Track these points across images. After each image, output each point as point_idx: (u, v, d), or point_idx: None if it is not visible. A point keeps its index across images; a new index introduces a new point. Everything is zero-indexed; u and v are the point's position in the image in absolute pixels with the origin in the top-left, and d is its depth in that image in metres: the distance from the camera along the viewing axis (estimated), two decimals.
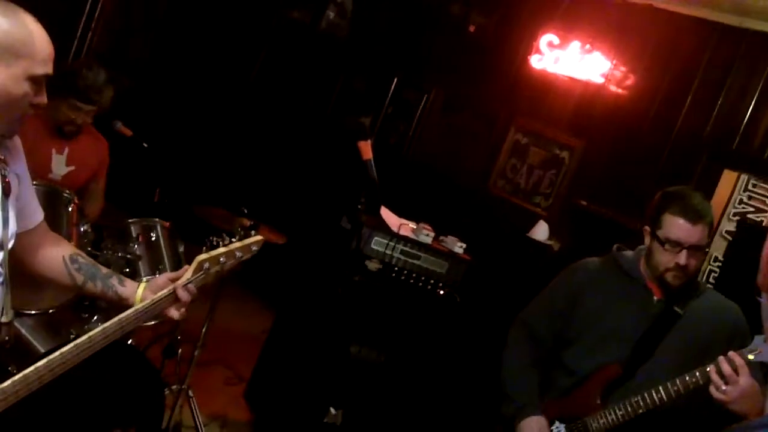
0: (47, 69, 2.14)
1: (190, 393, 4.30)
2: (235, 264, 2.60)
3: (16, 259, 2.38)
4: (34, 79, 2.12)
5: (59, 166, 4.18)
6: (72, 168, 4.22)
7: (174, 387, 4.24)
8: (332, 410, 4.52)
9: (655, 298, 3.12)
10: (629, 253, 3.24)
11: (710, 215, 3.02)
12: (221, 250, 2.52)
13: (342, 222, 4.84)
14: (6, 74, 2.07)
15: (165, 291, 2.42)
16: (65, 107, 4.08)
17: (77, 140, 4.22)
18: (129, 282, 2.52)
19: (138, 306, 2.37)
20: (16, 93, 2.10)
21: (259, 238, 2.66)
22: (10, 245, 2.24)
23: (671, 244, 2.99)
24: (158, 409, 3.90)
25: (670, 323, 3.06)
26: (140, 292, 2.46)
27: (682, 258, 2.97)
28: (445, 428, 4.99)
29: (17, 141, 2.33)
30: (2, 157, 2.22)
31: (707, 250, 3.06)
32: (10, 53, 2.06)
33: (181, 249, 4.19)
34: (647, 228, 3.11)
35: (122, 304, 2.50)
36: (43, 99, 2.17)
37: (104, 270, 2.54)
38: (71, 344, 2.22)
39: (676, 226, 2.98)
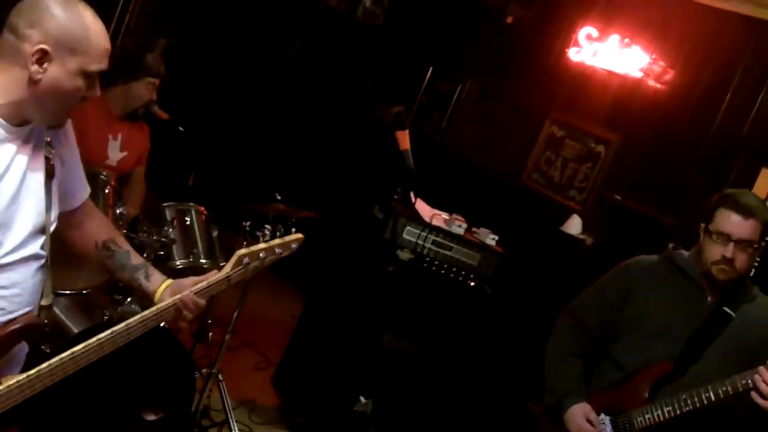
0: (101, 65, 2.15)
1: (220, 377, 4.32)
2: (274, 260, 2.61)
3: (59, 236, 2.40)
4: (87, 74, 2.12)
5: (114, 152, 4.22)
6: (125, 153, 4.26)
7: (204, 370, 4.27)
8: (362, 399, 4.54)
9: (709, 298, 3.10)
10: (685, 252, 3.22)
11: (764, 215, 3.01)
12: (261, 245, 2.53)
13: (374, 211, 4.84)
14: (60, 69, 2.07)
15: (170, 301, 2.40)
16: (142, 89, 4.15)
17: (127, 126, 4.25)
18: (155, 278, 2.52)
19: (145, 312, 2.36)
20: (68, 87, 2.10)
21: (299, 236, 2.67)
22: (52, 228, 2.26)
23: (719, 236, 3.00)
24: (188, 392, 3.93)
25: (722, 325, 3.04)
26: (159, 292, 2.46)
27: (729, 251, 2.98)
28: (474, 419, 4.99)
29: (68, 126, 2.34)
30: (48, 139, 2.23)
31: (756, 246, 3.02)
32: (66, 49, 2.07)
33: (215, 233, 4.20)
34: (702, 224, 3.11)
35: (146, 298, 2.52)
36: (96, 92, 2.18)
37: (135, 261, 2.54)
38: (108, 331, 2.24)
39: (727, 219, 3.01)
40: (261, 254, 2.52)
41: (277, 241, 2.59)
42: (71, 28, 2.07)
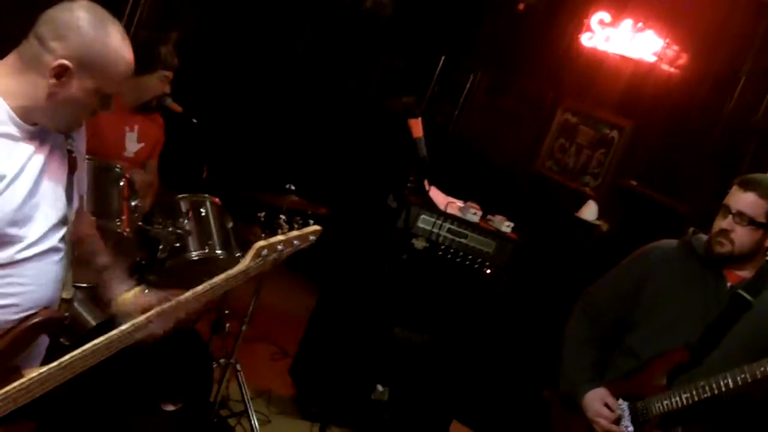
0: (119, 89, 2.16)
1: (238, 367, 4.34)
2: (292, 252, 2.60)
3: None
4: (102, 94, 2.13)
5: (132, 143, 4.20)
6: (142, 145, 4.25)
7: (221, 361, 4.28)
8: (379, 387, 4.55)
9: (728, 284, 3.06)
10: (705, 236, 3.19)
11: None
12: (279, 237, 2.52)
13: (388, 200, 4.84)
14: (77, 84, 2.07)
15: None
16: (155, 81, 4.12)
17: (142, 117, 4.25)
18: (115, 284, 2.51)
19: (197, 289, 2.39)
20: (82, 103, 2.11)
21: (317, 227, 2.65)
22: (72, 221, 2.27)
23: (722, 209, 3.04)
24: (206, 383, 3.95)
25: (741, 311, 3.01)
26: (120, 302, 2.46)
27: (726, 222, 2.99)
28: (489, 407, 4.99)
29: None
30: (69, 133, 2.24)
31: (758, 225, 3.00)
32: (87, 68, 2.06)
33: (230, 225, 4.20)
34: None
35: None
36: (108, 110, 2.20)
37: (102, 262, 2.54)
38: (128, 323, 2.25)
39: (730, 194, 3.04)
40: (279, 246, 2.51)
41: (295, 233, 2.58)
42: (97, 49, 2.06)
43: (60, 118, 2.15)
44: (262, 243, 2.47)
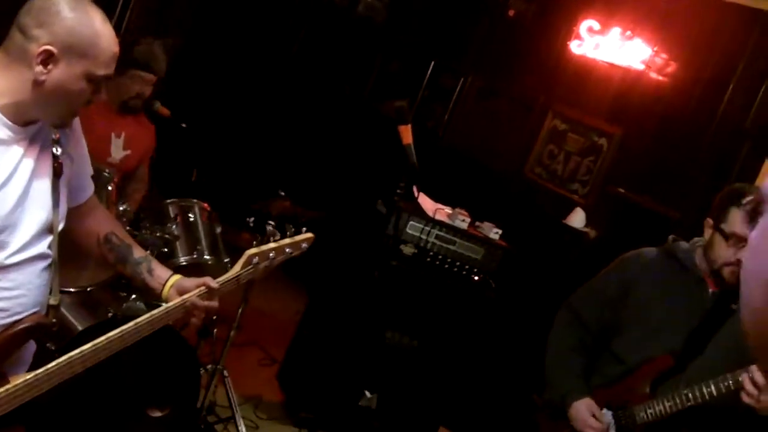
0: (108, 70, 2.15)
1: (225, 373, 4.32)
2: (284, 260, 2.59)
3: (63, 234, 2.39)
4: (93, 79, 2.12)
5: (117, 149, 4.19)
6: (128, 152, 4.24)
7: (209, 367, 4.26)
8: (367, 393, 4.54)
9: (710, 290, 3.08)
10: (685, 244, 3.19)
11: None
12: (271, 245, 2.51)
13: (378, 206, 4.84)
14: (66, 71, 2.07)
15: (178, 301, 2.39)
16: (128, 81, 4.11)
17: (132, 124, 4.23)
18: (159, 272, 2.49)
19: (153, 312, 2.35)
20: (73, 90, 2.10)
21: (309, 235, 2.65)
22: (60, 227, 2.25)
23: (734, 238, 2.92)
24: (194, 389, 3.94)
25: (723, 317, 3.01)
26: (165, 289, 2.45)
27: (741, 253, 2.90)
28: (478, 412, 4.99)
29: (76, 122, 2.33)
30: (56, 137, 2.22)
31: None
32: (74, 52, 2.06)
33: (219, 230, 4.19)
34: (710, 220, 3.03)
35: (149, 292, 2.51)
36: (100, 97, 2.18)
37: (137, 255, 2.51)
38: (117, 330, 2.24)
39: (742, 221, 2.90)
40: (271, 254, 2.50)
41: (287, 240, 2.57)
42: (80, 31, 2.06)
43: (52, 110, 2.14)
44: (253, 251, 2.46)
